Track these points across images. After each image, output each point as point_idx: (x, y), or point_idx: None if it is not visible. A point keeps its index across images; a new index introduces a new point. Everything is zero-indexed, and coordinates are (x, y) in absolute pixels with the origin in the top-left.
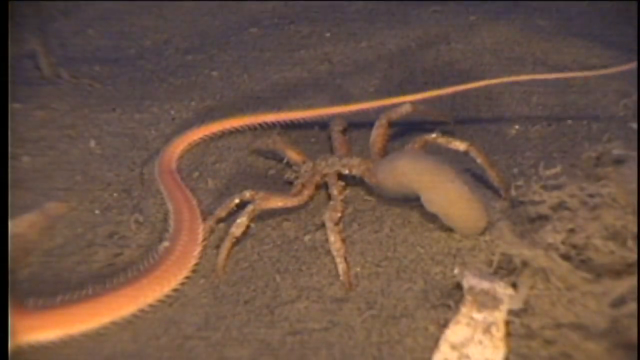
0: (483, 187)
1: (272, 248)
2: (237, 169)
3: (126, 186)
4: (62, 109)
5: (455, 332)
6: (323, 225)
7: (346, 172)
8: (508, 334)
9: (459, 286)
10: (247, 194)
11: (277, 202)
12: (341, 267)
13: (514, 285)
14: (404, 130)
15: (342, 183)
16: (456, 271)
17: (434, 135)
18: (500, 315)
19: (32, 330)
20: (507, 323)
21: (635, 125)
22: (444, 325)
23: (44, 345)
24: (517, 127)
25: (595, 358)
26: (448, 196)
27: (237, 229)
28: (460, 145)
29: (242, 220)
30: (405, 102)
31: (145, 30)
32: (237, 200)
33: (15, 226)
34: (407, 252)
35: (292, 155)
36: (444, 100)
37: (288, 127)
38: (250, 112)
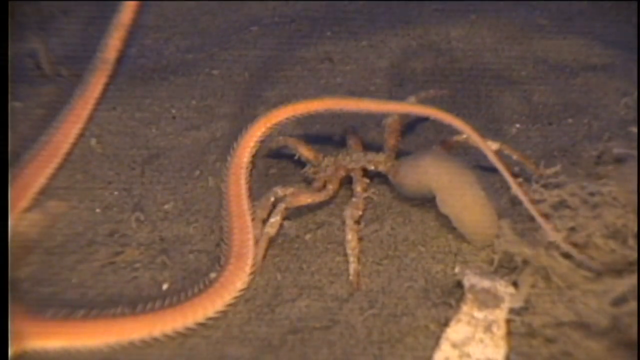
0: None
1: (273, 246)
2: None
3: (127, 185)
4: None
5: (456, 331)
6: (324, 223)
7: (372, 168)
8: (509, 333)
9: (459, 285)
10: (279, 191)
11: (306, 199)
12: (353, 266)
13: (515, 284)
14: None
15: (367, 180)
16: (457, 270)
17: (465, 135)
18: (501, 314)
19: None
20: (508, 321)
21: (635, 128)
22: (444, 323)
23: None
24: (517, 125)
25: (596, 356)
26: (463, 199)
27: (271, 229)
28: (492, 146)
29: (276, 220)
30: (410, 97)
31: (145, 28)
32: (272, 199)
33: (16, 225)
34: (407, 251)
35: (305, 152)
36: (445, 99)
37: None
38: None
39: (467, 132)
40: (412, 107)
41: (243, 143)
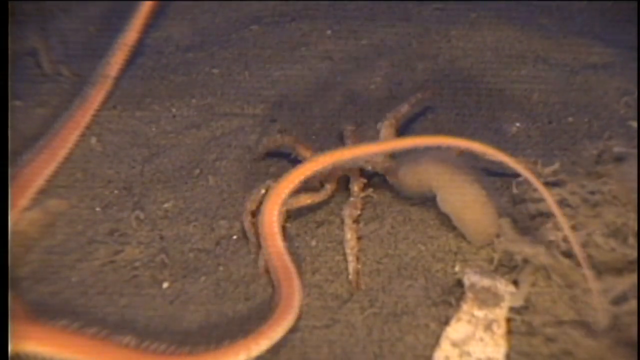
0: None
1: None
2: (238, 166)
3: (127, 183)
4: (63, 107)
5: (457, 330)
6: (323, 222)
7: (369, 168)
8: (509, 332)
9: (460, 283)
10: (271, 185)
11: (306, 200)
12: (352, 265)
13: (515, 283)
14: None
15: (364, 180)
16: (457, 268)
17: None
18: (501, 313)
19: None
20: (508, 320)
21: (635, 123)
22: (445, 322)
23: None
24: (518, 124)
25: (597, 355)
26: (464, 198)
27: None
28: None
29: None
30: (404, 103)
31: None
32: (263, 191)
33: (16, 223)
34: (408, 250)
35: (302, 151)
36: (445, 98)
37: (288, 125)
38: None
39: (489, 154)
40: (417, 140)
41: (268, 219)
